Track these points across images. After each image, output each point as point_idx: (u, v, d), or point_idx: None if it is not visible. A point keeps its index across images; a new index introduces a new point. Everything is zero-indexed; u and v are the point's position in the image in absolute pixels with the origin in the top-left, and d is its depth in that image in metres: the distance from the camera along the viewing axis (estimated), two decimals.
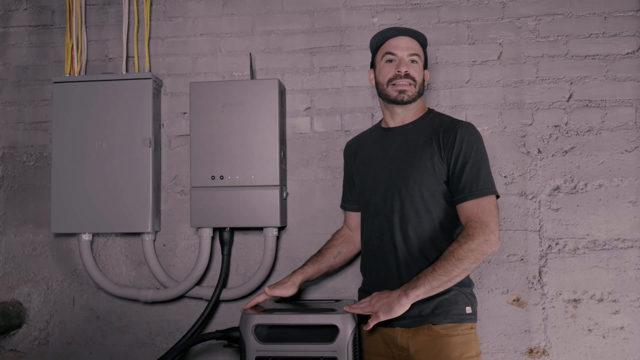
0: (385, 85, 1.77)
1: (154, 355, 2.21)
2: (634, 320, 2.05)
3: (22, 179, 2.37)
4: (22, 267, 2.35)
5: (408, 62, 1.75)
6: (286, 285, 1.84)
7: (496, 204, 1.65)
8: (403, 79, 1.73)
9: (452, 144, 1.67)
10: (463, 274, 1.58)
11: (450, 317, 1.65)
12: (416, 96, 1.76)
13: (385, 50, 1.78)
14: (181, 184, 2.28)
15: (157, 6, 2.35)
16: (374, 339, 1.76)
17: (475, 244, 1.57)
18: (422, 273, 1.59)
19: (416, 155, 1.71)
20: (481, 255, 1.58)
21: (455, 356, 1.62)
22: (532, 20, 2.16)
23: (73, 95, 2.21)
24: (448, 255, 1.58)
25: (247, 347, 1.72)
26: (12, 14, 2.43)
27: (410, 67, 1.75)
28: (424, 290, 1.57)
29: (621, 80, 2.11)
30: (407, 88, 1.74)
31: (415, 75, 1.75)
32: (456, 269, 1.56)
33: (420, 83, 1.77)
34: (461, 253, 1.56)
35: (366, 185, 1.82)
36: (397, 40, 1.77)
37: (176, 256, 2.27)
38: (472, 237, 1.57)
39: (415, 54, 1.76)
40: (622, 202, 2.08)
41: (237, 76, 2.29)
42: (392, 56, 1.76)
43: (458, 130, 1.68)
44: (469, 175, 1.64)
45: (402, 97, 1.74)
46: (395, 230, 1.71)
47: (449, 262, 1.56)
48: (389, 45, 1.78)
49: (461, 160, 1.65)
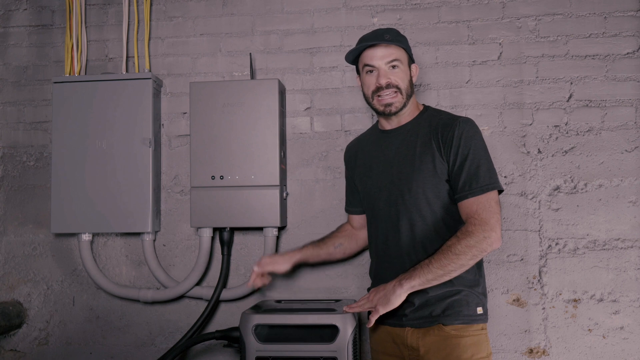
0: (371, 97, 1.75)
1: (154, 355, 2.22)
2: (634, 320, 2.05)
3: (22, 179, 2.37)
4: (22, 267, 2.35)
5: (387, 69, 1.71)
6: (280, 261, 1.88)
7: (497, 200, 1.62)
8: (386, 90, 1.70)
9: (450, 142, 1.65)
10: (460, 270, 1.58)
11: (461, 318, 1.65)
12: (404, 102, 1.73)
13: (364, 62, 1.74)
14: (181, 184, 2.28)
15: (157, 6, 2.35)
16: (382, 337, 1.75)
17: (474, 241, 1.56)
18: (419, 265, 1.59)
19: (416, 156, 1.69)
20: (480, 252, 1.57)
21: (466, 357, 1.62)
22: (532, 20, 2.16)
23: (73, 95, 2.21)
24: (446, 249, 1.57)
25: (247, 347, 1.73)
26: (12, 14, 2.43)
27: (391, 75, 1.71)
28: (418, 282, 1.57)
29: (621, 80, 2.11)
30: (392, 100, 1.71)
31: (398, 81, 1.71)
32: (452, 263, 1.55)
33: (406, 87, 1.73)
34: (459, 248, 1.56)
35: (369, 191, 1.80)
36: (372, 52, 1.72)
37: (176, 256, 2.27)
38: (472, 233, 1.56)
39: (394, 59, 1.71)
40: (622, 202, 2.08)
41: (237, 76, 2.29)
42: (371, 67, 1.73)
43: (456, 127, 1.66)
44: (468, 173, 1.62)
45: (389, 110, 1.73)
46: (402, 235, 1.70)
47: (446, 256, 1.56)
48: (366, 57, 1.73)
49: (460, 158, 1.64)
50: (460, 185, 1.63)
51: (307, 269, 2.19)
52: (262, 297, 2.20)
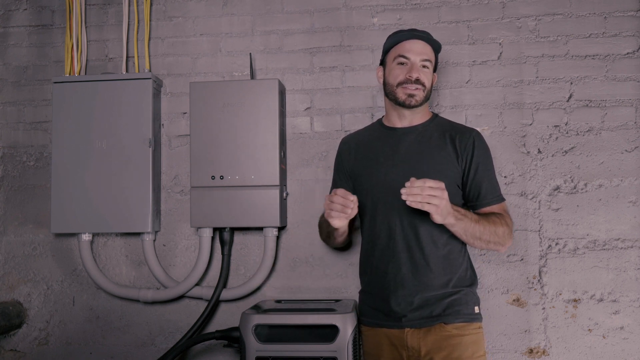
0: (395, 87, 1.77)
1: (154, 355, 2.22)
2: (634, 320, 2.05)
3: (22, 179, 2.37)
4: (22, 267, 2.35)
5: (419, 67, 1.75)
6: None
7: None
8: (413, 84, 1.74)
9: (470, 151, 1.73)
10: (483, 245, 1.66)
11: (461, 317, 1.67)
12: (424, 100, 1.77)
13: (399, 53, 1.77)
14: (181, 184, 2.28)
15: (157, 6, 2.35)
16: (378, 341, 1.74)
17: (509, 232, 1.69)
18: (470, 212, 1.65)
19: (431, 156, 1.73)
20: (502, 246, 1.68)
21: (467, 355, 1.64)
22: (532, 20, 2.16)
23: (73, 95, 2.21)
24: (495, 224, 1.66)
25: (247, 347, 1.73)
26: (12, 14, 2.43)
27: (421, 72, 1.75)
28: (457, 224, 1.59)
29: (621, 80, 2.11)
30: (416, 93, 1.74)
31: (425, 80, 1.75)
32: (486, 236, 1.64)
33: (429, 88, 1.78)
34: (500, 231, 1.66)
35: (375, 184, 1.78)
36: (411, 44, 1.76)
37: (176, 256, 2.27)
38: (510, 226, 1.70)
39: (428, 60, 1.76)
40: (622, 202, 2.08)
41: (237, 76, 2.29)
42: (405, 59, 1.76)
43: (475, 138, 1.75)
44: (489, 183, 1.74)
45: (410, 102, 1.75)
46: (410, 229, 1.70)
47: (489, 229, 1.64)
48: (403, 48, 1.76)
49: (482, 167, 1.73)
50: (482, 193, 1.73)
51: (307, 268, 2.19)
52: (262, 297, 2.20)
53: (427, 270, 1.68)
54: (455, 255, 1.73)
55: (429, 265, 1.68)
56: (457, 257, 1.73)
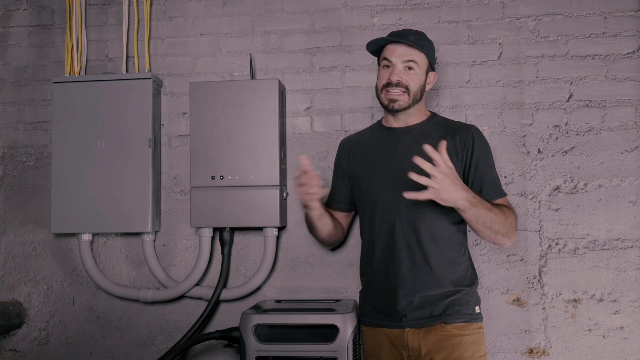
0: (380, 90, 1.78)
1: (154, 355, 2.22)
2: (634, 320, 2.05)
3: (22, 179, 2.37)
4: (22, 267, 2.35)
5: (402, 69, 1.74)
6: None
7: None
8: (394, 88, 1.73)
9: (470, 146, 1.72)
10: (492, 235, 1.63)
11: (462, 317, 1.67)
12: (410, 104, 1.76)
13: (384, 56, 1.79)
14: (181, 184, 2.28)
15: (157, 6, 2.35)
16: (379, 340, 1.75)
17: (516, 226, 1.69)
18: (484, 200, 1.62)
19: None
20: (508, 239, 1.66)
21: (467, 355, 1.64)
22: (532, 20, 2.16)
23: (73, 95, 2.21)
24: (505, 214, 1.63)
25: (247, 347, 1.73)
26: (12, 14, 2.43)
27: (403, 75, 1.74)
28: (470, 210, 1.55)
29: (621, 80, 2.11)
30: (397, 97, 1.74)
31: (408, 82, 1.73)
32: (496, 226, 1.61)
33: (415, 90, 1.75)
34: (509, 223, 1.64)
35: (374, 184, 1.79)
36: (393, 47, 1.76)
37: (176, 256, 2.27)
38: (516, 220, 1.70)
39: (411, 61, 1.74)
40: (622, 202, 2.08)
41: (237, 76, 2.29)
42: (388, 62, 1.76)
43: (475, 134, 1.75)
44: (490, 177, 1.73)
45: (392, 106, 1.76)
46: (410, 228, 1.71)
47: (499, 219, 1.61)
48: (386, 51, 1.78)
49: (482, 162, 1.72)
50: (484, 188, 1.71)
51: (307, 268, 2.19)
52: (262, 297, 2.20)
53: (427, 269, 1.68)
54: (455, 255, 1.73)
55: (429, 265, 1.69)
56: (458, 257, 1.73)
